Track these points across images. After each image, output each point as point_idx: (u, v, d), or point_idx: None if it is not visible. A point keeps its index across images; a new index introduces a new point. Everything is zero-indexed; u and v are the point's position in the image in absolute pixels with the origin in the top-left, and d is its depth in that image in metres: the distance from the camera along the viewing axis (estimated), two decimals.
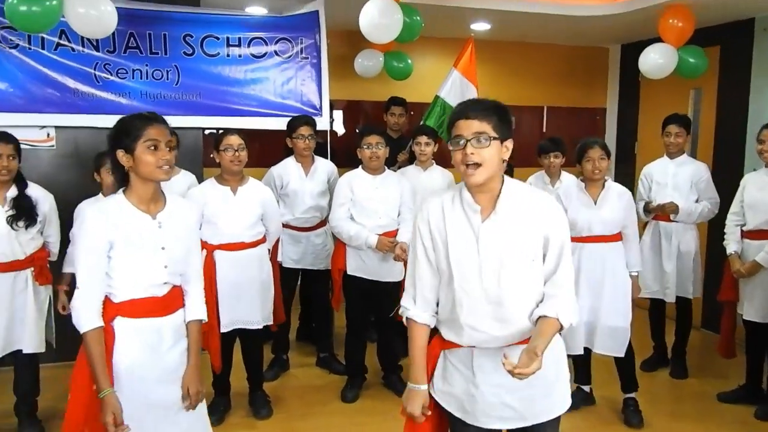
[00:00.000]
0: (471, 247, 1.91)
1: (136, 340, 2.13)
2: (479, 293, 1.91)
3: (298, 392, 4.04)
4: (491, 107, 1.91)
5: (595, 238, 3.53)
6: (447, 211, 1.96)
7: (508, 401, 1.96)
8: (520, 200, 1.93)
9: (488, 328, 1.93)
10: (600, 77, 6.61)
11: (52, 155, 4.23)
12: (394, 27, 4.13)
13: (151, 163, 2.06)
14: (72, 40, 4.06)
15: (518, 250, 1.90)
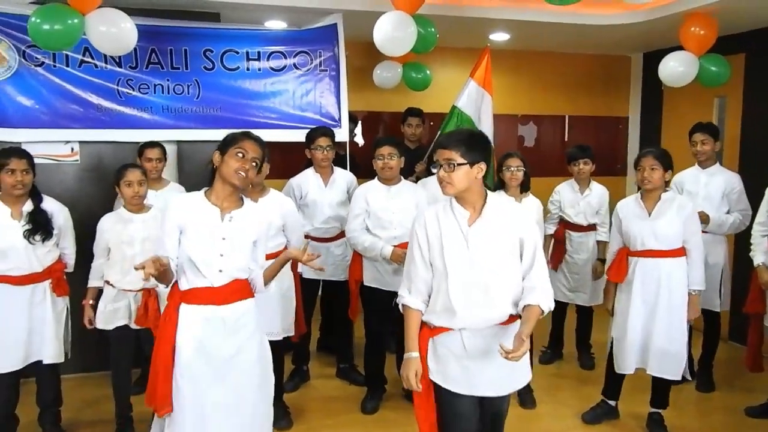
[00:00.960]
0: (462, 246, 2.33)
1: (197, 326, 2.43)
2: (470, 282, 2.32)
3: (318, 403, 4.04)
4: (461, 138, 2.33)
5: (650, 252, 3.40)
6: (441, 218, 2.38)
7: (494, 373, 2.38)
8: (500, 210, 2.38)
9: (478, 311, 2.34)
10: (622, 86, 6.54)
11: (76, 169, 4.31)
12: (408, 40, 4.14)
13: (231, 166, 2.42)
14: (95, 57, 4.15)
15: (499, 247, 2.34)
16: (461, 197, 2.35)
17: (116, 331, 3.45)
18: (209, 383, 2.45)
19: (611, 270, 3.58)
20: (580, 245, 4.54)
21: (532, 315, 2.29)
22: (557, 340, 4.82)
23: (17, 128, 4.05)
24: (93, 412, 3.85)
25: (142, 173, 3.45)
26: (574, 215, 4.51)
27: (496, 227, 2.34)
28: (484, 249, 2.32)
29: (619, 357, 3.54)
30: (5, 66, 4.01)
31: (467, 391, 2.38)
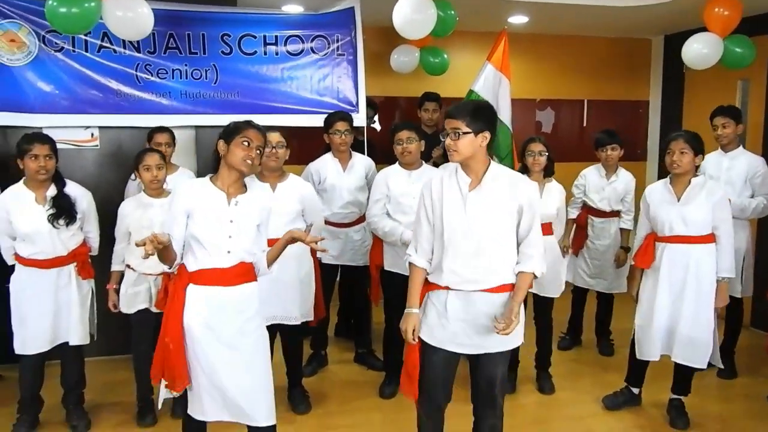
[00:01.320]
0: (460, 210, 2.50)
1: (203, 305, 2.52)
2: (462, 244, 2.49)
3: (336, 388, 4.06)
4: (467, 109, 2.48)
5: (678, 238, 3.35)
6: (445, 183, 2.56)
7: (469, 333, 2.55)
8: (501, 178, 2.52)
9: (464, 272, 2.51)
10: (642, 69, 6.45)
11: (96, 155, 4.33)
12: (428, 22, 4.09)
13: (239, 155, 2.50)
14: (114, 42, 4.15)
15: (496, 213, 2.48)
16: (466, 164, 2.51)
17: (137, 314, 3.49)
18: (220, 355, 2.55)
19: (638, 255, 3.54)
20: (602, 231, 4.49)
21: (524, 283, 2.52)
22: (576, 326, 4.80)
23: (37, 114, 4.07)
24: (115, 394, 3.90)
25: (160, 158, 3.46)
26: (598, 201, 4.46)
27: (495, 194, 2.49)
28: (480, 214, 2.48)
29: (644, 344, 3.51)
30: (25, 51, 4.03)
31: (439, 343, 2.59)
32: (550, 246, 3.83)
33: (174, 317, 2.52)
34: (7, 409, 3.56)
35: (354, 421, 3.63)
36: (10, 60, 4.01)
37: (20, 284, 3.30)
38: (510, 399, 3.90)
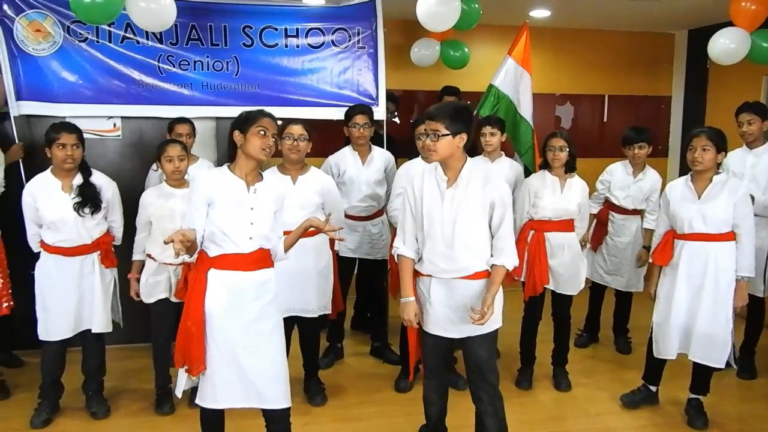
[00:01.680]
0: (437, 205, 2.69)
1: (224, 289, 2.56)
2: (439, 237, 2.69)
3: (352, 381, 4.07)
4: (446, 111, 2.62)
5: (698, 235, 3.31)
6: (426, 179, 2.75)
7: (451, 317, 2.74)
8: (476, 175, 2.69)
9: (440, 262, 2.71)
10: (665, 64, 6.37)
11: (118, 144, 4.37)
12: (452, 15, 4.07)
13: (257, 145, 2.55)
14: (137, 33, 4.18)
15: (470, 208, 2.66)
16: (444, 163, 2.69)
17: (157, 304, 3.52)
18: (240, 339, 2.59)
19: (656, 253, 3.51)
20: (622, 228, 4.45)
21: (497, 276, 2.69)
22: (593, 323, 4.77)
23: (62, 103, 4.12)
24: (134, 382, 3.95)
25: (182, 148, 3.48)
26: (622, 198, 4.41)
27: (470, 191, 2.67)
28: (455, 209, 2.67)
29: (661, 341, 3.48)
30: (50, 41, 4.07)
31: (433, 330, 2.79)
32: (570, 243, 3.81)
33: (195, 301, 2.56)
34: (29, 394, 3.62)
35: (370, 413, 3.64)
36: (36, 50, 4.05)
37: (45, 271, 3.35)
38: (526, 395, 3.92)
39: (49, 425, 3.43)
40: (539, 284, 3.78)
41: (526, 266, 3.83)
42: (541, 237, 3.80)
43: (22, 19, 4.00)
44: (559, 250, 3.80)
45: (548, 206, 3.77)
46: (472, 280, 2.71)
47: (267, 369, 2.65)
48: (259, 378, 2.62)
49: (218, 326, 2.57)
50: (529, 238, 3.83)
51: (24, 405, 3.57)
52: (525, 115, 4.74)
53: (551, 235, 3.79)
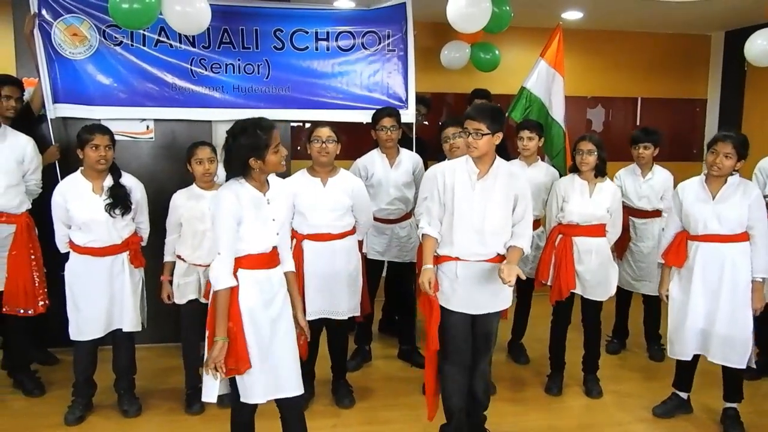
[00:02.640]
0: (468, 195, 2.98)
1: (255, 286, 2.62)
2: (469, 224, 2.97)
3: (380, 383, 4.07)
4: (487, 112, 2.94)
5: (712, 237, 3.29)
6: (457, 171, 3.03)
7: (474, 296, 3.02)
8: (504, 172, 3.00)
9: (471, 246, 2.99)
10: (700, 66, 6.25)
11: (150, 146, 4.44)
12: (482, 16, 4.04)
13: (276, 162, 2.61)
14: (170, 36, 4.24)
15: (497, 199, 2.97)
16: (478, 158, 2.96)
17: (187, 305, 3.56)
18: (274, 332, 2.66)
19: (669, 254, 3.46)
20: (645, 232, 4.38)
21: (515, 254, 2.97)
22: (622, 329, 4.69)
23: (97, 106, 4.19)
24: (164, 381, 4.00)
25: (212, 150, 3.52)
26: (637, 200, 4.35)
27: (497, 184, 2.97)
28: (484, 199, 2.96)
29: (676, 342, 3.45)
30: (86, 45, 4.15)
31: (456, 308, 3.03)
32: (598, 248, 3.75)
33: (231, 302, 2.58)
34: (63, 391, 3.69)
35: (397, 416, 3.64)
36: (72, 53, 4.14)
37: (75, 272, 3.40)
38: (556, 401, 3.87)
39: (82, 422, 3.49)
40: (565, 289, 3.74)
41: (552, 270, 3.79)
42: (568, 241, 3.75)
43: (59, 24, 4.08)
44: (587, 255, 3.74)
45: (576, 210, 3.72)
46: (493, 264, 2.98)
47: (290, 359, 2.71)
48: (283, 368, 2.68)
49: (254, 322, 2.61)
50: (557, 242, 3.78)
51: (58, 402, 3.64)
52: (557, 118, 4.69)
53: (579, 240, 3.74)
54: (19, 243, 3.57)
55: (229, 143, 2.56)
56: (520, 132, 4.11)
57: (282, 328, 2.69)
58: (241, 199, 2.56)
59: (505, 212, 2.98)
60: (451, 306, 3.04)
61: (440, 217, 3.05)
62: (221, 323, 2.53)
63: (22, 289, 3.57)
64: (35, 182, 3.75)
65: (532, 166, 4.15)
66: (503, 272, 2.83)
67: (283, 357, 2.69)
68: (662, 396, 3.73)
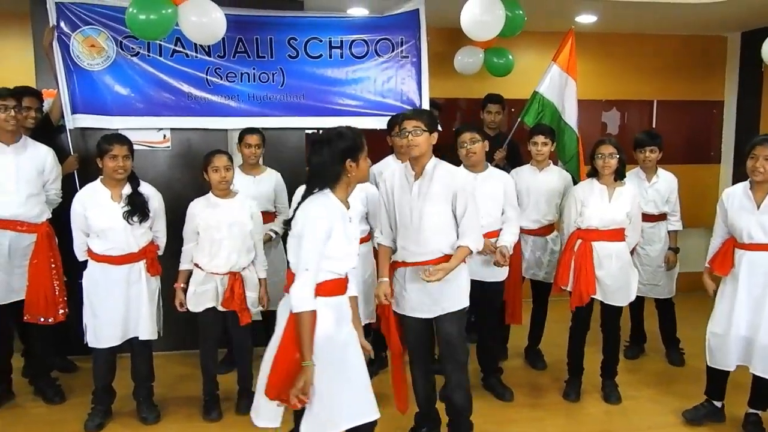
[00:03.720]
0: (407, 198, 3.03)
1: (330, 313, 2.48)
2: (409, 225, 3.01)
3: None
4: (424, 112, 3.18)
5: (758, 246, 3.23)
6: (396, 175, 3.12)
7: (424, 300, 3.06)
8: (441, 171, 3.02)
9: (411, 246, 3.03)
10: (717, 68, 6.18)
11: (167, 155, 4.48)
12: (496, 23, 4.04)
13: (366, 168, 2.62)
14: (186, 46, 4.28)
15: (435, 199, 2.99)
16: (416, 159, 3.01)
17: (204, 313, 3.58)
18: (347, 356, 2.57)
19: (715, 262, 3.41)
20: (652, 236, 4.34)
21: (459, 253, 2.99)
22: (638, 334, 4.66)
23: (115, 116, 4.25)
24: (182, 389, 4.02)
25: (228, 159, 3.55)
26: (643, 204, 4.29)
27: (435, 183, 3.00)
28: (422, 199, 2.99)
29: (718, 352, 3.38)
30: (104, 56, 4.21)
31: (408, 312, 3.10)
32: (618, 253, 3.72)
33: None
34: (83, 398, 3.72)
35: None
36: (90, 65, 4.19)
37: (93, 279, 3.44)
38: (574, 407, 3.84)
39: (102, 429, 3.52)
40: (585, 294, 3.71)
41: (572, 276, 3.77)
42: (588, 246, 3.73)
43: (77, 36, 4.14)
44: (607, 260, 3.72)
45: (595, 215, 3.70)
46: (439, 264, 2.96)
47: (366, 383, 2.61)
48: (361, 392, 2.58)
49: (324, 351, 2.43)
50: (576, 247, 3.76)
51: (78, 409, 3.67)
52: (570, 123, 4.68)
53: (598, 245, 3.72)
54: (39, 252, 3.62)
55: (321, 150, 2.46)
56: (534, 137, 4.11)
57: (355, 353, 2.59)
58: (330, 212, 2.44)
59: (443, 211, 3.00)
60: (403, 311, 3.12)
61: (391, 224, 3.12)
62: (309, 347, 2.36)
63: (42, 298, 3.61)
64: (55, 192, 3.80)
65: (544, 171, 4.13)
66: (425, 272, 2.91)
67: (360, 382, 2.58)
68: (683, 401, 3.69)
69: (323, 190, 2.48)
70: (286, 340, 2.43)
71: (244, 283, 3.57)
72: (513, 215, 3.71)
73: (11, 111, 3.53)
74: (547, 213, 4.16)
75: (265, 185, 4.10)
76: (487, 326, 3.94)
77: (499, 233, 3.68)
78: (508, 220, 3.70)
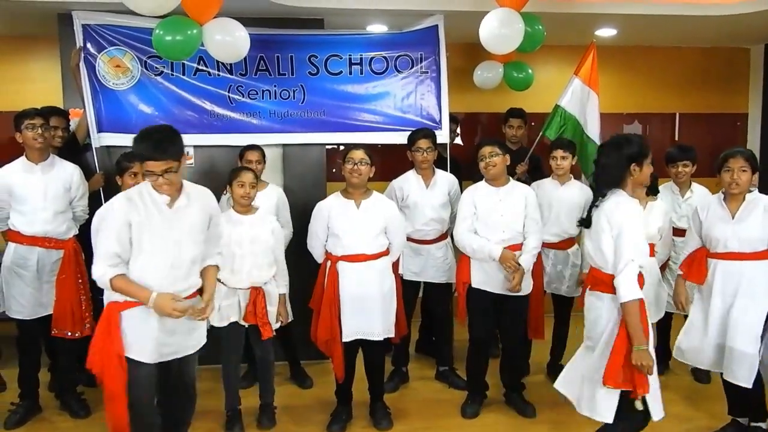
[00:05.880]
0: (158, 228, 2.74)
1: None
2: (163, 258, 2.73)
3: (417, 405, 4.04)
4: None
5: (732, 254, 3.27)
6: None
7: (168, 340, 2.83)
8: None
9: (169, 282, 2.75)
10: (740, 80, 6.12)
11: (190, 172, 4.52)
12: (515, 37, 4.06)
13: (648, 173, 2.80)
14: (209, 64, 4.36)
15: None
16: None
17: (227, 327, 3.60)
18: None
19: (691, 272, 3.45)
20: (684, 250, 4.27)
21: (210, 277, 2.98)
22: (664, 351, 4.57)
23: None
24: (204, 404, 4.01)
25: (254, 177, 3.59)
26: (676, 219, 4.25)
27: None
28: (178, 229, 2.80)
29: (689, 350, 3.45)
30: (129, 76, 4.30)
31: (152, 359, 2.81)
32: (650, 269, 3.66)
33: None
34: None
35: None
36: (116, 84, 4.29)
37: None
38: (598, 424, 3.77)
39: None
40: None
41: None
42: None
43: (103, 56, 4.24)
44: None
45: None
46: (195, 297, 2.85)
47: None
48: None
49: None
50: None
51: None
52: (592, 136, 4.66)
53: None
54: (67, 267, 3.69)
55: (608, 155, 2.76)
56: (554, 151, 4.09)
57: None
58: (637, 209, 2.75)
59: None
60: (141, 358, 2.77)
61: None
62: (640, 332, 2.61)
63: (69, 313, 3.68)
64: (82, 209, 3.87)
65: (565, 185, 4.12)
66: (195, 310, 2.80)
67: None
68: (710, 420, 3.62)
69: (616, 191, 2.73)
70: (622, 330, 2.65)
71: (266, 297, 3.59)
72: (534, 229, 3.70)
73: (39, 130, 3.62)
74: (568, 227, 4.13)
75: (268, 201, 4.13)
76: (510, 341, 3.92)
77: (521, 247, 3.67)
78: (529, 234, 3.69)
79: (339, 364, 3.55)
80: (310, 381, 4.36)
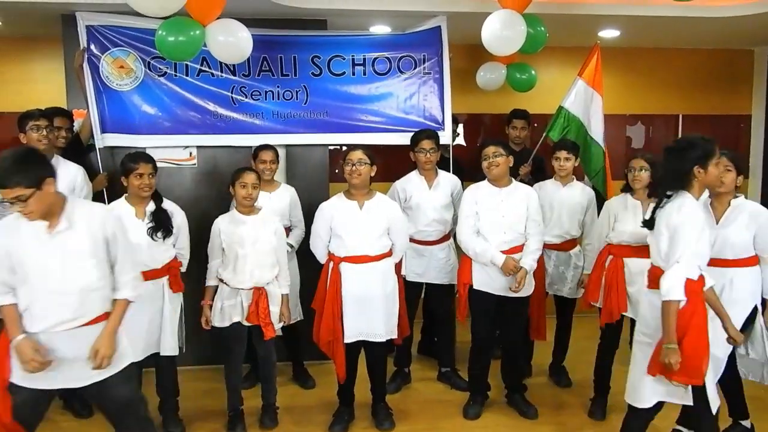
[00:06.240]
0: (39, 251, 2.53)
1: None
2: (47, 285, 2.52)
3: (419, 406, 4.04)
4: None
5: (717, 261, 3.17)
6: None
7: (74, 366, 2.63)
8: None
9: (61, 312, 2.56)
10: (744, 82, 6.11)
11: (194, 173, 4.55)
12: (518, 39, 4.05)
13: (718, 175, 2.90)
14: (212, 65, 4.36)
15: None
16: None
17: (230, 327, 3.61)
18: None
19: None
20: None
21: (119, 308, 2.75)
22: None
23: (143, 135, 4.33)
24: (207, 404, 4.04)
25: (256, 177, 3.59)
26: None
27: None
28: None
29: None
30: (132, 77, 4.31)
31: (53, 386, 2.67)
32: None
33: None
34: None
35: None
36: (119, 85, 4.30)
37: None
38: (601, 426, 3.77)
39: None
40: (616, 311, 3.67)
41: (603, 292, 3.73)
42: (619, 262, 3.69)
43: (107, 57, 4.25)
44: (639, 276, 3.62)
45: (627, 230, 3.66)
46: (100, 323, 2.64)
47: None
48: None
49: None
50: (607, 263, 3.73)
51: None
52: (596, 137, 4.65)
53: (630, 261, 3.67)
54: None
55: (672, 157, 2.78)
56: (557, 152, 4.09)
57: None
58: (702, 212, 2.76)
59: (102, 262, 2.61)
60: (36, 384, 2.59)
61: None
62: (673, 332, 2.64)
63: None
64: None
65: (567, 186, 4.12)
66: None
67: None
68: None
69: (681, 193, 2.74)
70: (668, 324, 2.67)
71: (269, 297, 3.60)
72: (535, 231, 3.70)
73: (44, 131, 3.62)
74: (570, 228, 4.13)
75: (280, 201, 4.13)
76: (511, 342, 3.91)
77: (523, 248, 3.67)
78: (530, 236, 3.69)
79: (341, 365, 3.55)
80: (312, 381, 4.37)
